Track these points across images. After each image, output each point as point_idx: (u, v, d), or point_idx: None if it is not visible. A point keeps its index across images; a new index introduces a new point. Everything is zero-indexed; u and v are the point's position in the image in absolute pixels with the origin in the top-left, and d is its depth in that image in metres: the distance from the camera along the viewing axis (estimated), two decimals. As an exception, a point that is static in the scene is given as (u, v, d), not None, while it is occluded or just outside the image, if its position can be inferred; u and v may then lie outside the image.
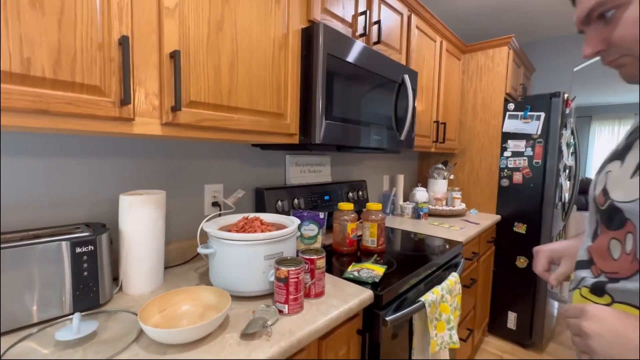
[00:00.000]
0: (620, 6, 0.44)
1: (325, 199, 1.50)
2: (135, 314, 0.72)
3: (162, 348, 0.61)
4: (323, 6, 1.10)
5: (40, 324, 0.67)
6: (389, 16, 1.43)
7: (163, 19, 0.70)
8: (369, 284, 0.94)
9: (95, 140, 0.90)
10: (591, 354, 0.44)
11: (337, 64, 1.06)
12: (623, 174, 0.47)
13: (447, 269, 1.28)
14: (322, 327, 0.72)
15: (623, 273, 0.46)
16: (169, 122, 0.73)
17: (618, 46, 0.46)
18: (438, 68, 1.90)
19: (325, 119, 1.04)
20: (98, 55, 0.61)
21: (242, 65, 0.86)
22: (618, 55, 0.48)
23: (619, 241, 0.47)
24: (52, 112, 0.57)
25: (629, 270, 0.45)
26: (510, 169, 2.09)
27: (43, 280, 0.67)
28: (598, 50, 0.49)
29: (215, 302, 0.73)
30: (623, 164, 0.48)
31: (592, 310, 0.44)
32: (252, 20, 0.87)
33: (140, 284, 0.84)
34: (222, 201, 1.18)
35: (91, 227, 0.80)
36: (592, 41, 0.49)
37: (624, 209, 0.45)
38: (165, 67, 0.71)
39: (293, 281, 0.74)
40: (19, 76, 0.53)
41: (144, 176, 0.99)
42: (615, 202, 0.47)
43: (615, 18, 0.45)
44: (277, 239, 0.82)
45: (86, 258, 0.72)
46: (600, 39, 0.48)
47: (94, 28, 0.60)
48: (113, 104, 0.64)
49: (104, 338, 0.64)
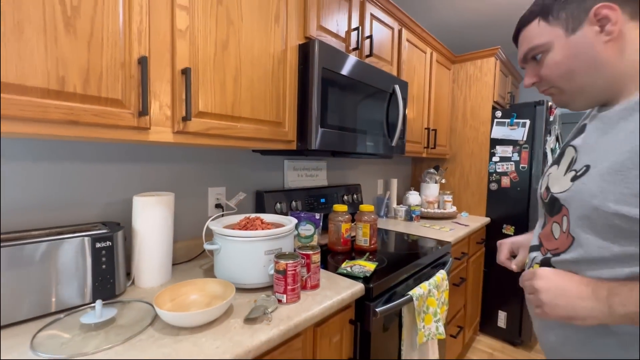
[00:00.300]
0: (544, 52, 0.59)
1: (321, 201, 1.59)
2: (149, 303, 0.80)
3: (175, 330, 0.69)
4: (318, 23, 1.19)
5: (65, 310, 0.75)
6: (381, 30, 1.54)
7: (176, 39, 0.79)
8: (360, 278, 1.02)
9: (108, 147, 0.98)
10: (542, 305, 0.55)
11: (332, 76, 1.16)
12: (558, 174, 0.61)
13: (435, 266, 1.36)
14: (317, 314, 0.81)
15: (562, 248, 0.59)
16: (180, 131, 0.81)
17: (545, 81, 0.61)
18: (428, 78, 2.01)
19: (320, 127, 1.13)
20: (120, 73, 0.70)
21: (245, 79, 0.95)
22: (547, 87, 0.62)
23: (558, 224, 0.60)
24: (82, 123, 0.66)
25: (565, 244, 0.58)
26: (498, 173, 2.19)
27: (68, 271, 0.75)
28: (533, 82, 0.64)
29: (220, 292, 0.81)
30: (559, 167, 0.62)
31: (541, 272, 0.57)
32: (253, 39, 0.96)
33: (151, 277, 0.92)
34: (224, 203, 1.26)
35: (107, 225, 0.88)
36: (529, 75, 0.64)
37: (560, 198, 0.59)
38: (177, 82, 0.80)
39: (291, 273, 0.82)
40: (55, 92, 0.62)
41: (152, 179, 1.08)
42: (554, 194, 0.60)
43: (542, 60, 0.60)
44: (276, 236, 0.90)
45: (104, 252, 0.80)
46: (534, 74, 0.63)
47: (117, 49, 0.69)
48: (132, 115, 0.72)
49: (121, 323, 0.72)
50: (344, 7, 1.31)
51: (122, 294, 0.86)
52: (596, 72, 0.55)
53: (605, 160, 0.52)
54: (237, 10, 0.91)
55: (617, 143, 0.52)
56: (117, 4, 0.69)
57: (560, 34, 0.57)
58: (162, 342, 0.65)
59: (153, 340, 0.66)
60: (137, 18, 0.72)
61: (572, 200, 0.56)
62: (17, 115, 0.58)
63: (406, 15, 1.69)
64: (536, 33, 0.59)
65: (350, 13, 1.34)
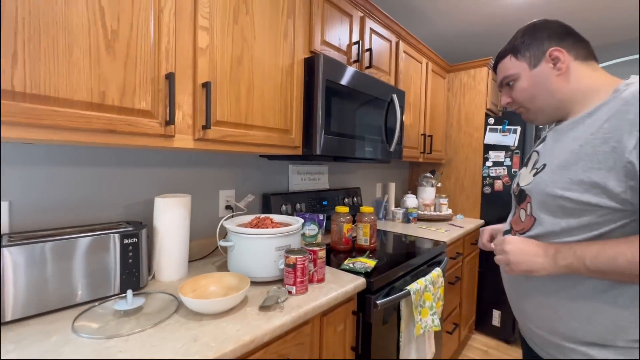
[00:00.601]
0: (514, 80, 0.78)
1: (323, 204, 1.68)
2: (171, 294, 0.88)
3: (198, 316, 0.77)
4: (322, 38, 1.30)
5: (98, 300, 0.83)
6: (379, 43, 1.64)
7: (197, 57, 0.88)
8: (362, 273, 1.11)
9: (130, 153, 1.07)
10: (509, 263, 0.71)
11: (335, 87, 1.26)
12: (526, 172, 0.79)
13: (431, 264, 1.45)
14: (323, 304, 0.89)
15: (527, 227, 0.75)
16: (200, 138, 0.90)
17: (516, 102, 0.80)
18: (424, 86, 2.12)
19: (324, 134, 1.22)
20: (150, 87, 0.79)
21: (257, 91, 1.04)
22: (517, 107, 0.81)
23: (524, 210, 0.77)
24: (118, 132, 0.75)
25: (529, 224, 0.74)
26: (492, 177, 2.30)
27: (100, 265, 0.83)
28: (508, 102, 0.82)
29: (236, 284, 0.90)
30: (527, 168, 0.80)
31: (509, 238, 0.74)
32: (264, 54, 1.06)
33: (170, 272, 1.00)
34: (234, 204, 1.35)
35: (131, 224, 0.96)
36: (504, 97, 0.83)
37: (525, 189, 0.76)
38: (197, 94, 0.89)
39: (300, 267, 0.91)
40: (97, 105, 0.71)
41: (169, 183, 1.16)
42: (521, 187, 0.78)
43: (513, 86, 0.79)
44: (286, 233, 0.99)
45: (131, 248, 0.88)
46: (508, 96, 0.82)
47: (149, 67, 0.78)
48: (160, 125, 0.81)
49: (149, 311, 0.80)
50: (346, 22, 1.42)
51: (145, 286, 0.94)
52: (551, 97, 0.74)
53: (556, 159, 0.70)
54: (251, 29, 1.01)
55: (564, 147, 0.69)
56: (149, 27, 0.78)
57: (525, 67, 0.75)
58: (188, 326, 0.73)
59: (180, 324, 0.74)
60: (165, 39, 0.81)
61: (533, 190, 0.73)
62: (66, 125, 0.66)
63: (403, 28, 1.80)
64: (509, 66, 0.78)
65: (351, 28, 1.45)
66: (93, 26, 0.69)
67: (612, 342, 0.63)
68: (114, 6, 0.72)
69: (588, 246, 0.62)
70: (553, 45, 0.72)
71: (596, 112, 0.66)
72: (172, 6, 0.82)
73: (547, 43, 0.73)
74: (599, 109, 0.66)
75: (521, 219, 0.77)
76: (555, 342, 0.71)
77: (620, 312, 0.62)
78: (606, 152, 0.60)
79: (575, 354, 0.67)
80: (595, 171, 0.61)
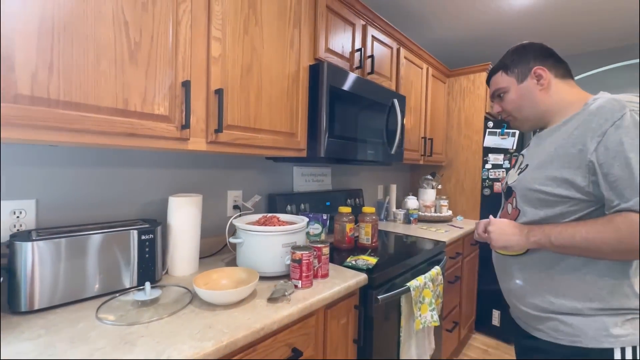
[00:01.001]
0: (504, 92, 0.92)
1: (327, 204, 1.73)
2: (184, 287, 0.94)
3: (211, 307, 0.83)
4: (326, 46, 1.36)
5: (118, 291, 0.89)
6: (381, 50, 1.70)
7: (211, 65, 0.95)
8: (364, 270, 1.16)
9: (145, 155, 1.13)
10: (492, 240, 0.85)
11: (338, 92, 1.32)
12: (513, 172, 0.92)
13: (431, 263, 1.50)
14: (327, 297, 0.95)
15: (513, 218, 0.87)
16: (213, 141, 0.96)
17: (505, 111, 0.94)
18: (425, 91, 2.18)
19: (328, 137, 1.28)
20: (168, 94, 0.86)
21: (265, 97, 1.11)
22: (506, 115, 0.95)
23: (510, 204, 0.89)
24: (138, 135, 0.81)
25: (515, 215, 0.86)
26: (491, 179, 2.35)
27: (120, 259, 0.89)
28: (499, 112, 0.96)
29: (245, 277, 0.95)
30: (514, 168, 0.92)
31: (493, 220, 0.87)
32: (272, 62, 1.12)
33: (183, 267, 1.06)
34: (241, 204, 1.41)
35: (147, 221, 1.02)
36: (496, 106, 0.97)
37: (512, 186, 0.88)
38: (210, 100, 0.96)
39: (305, 262, 0.96)
40: (121, 111, 0.77)
41: (181, 183, 1.23)
42: (509, 184, 0.91)
43: (503, 97, 0.93)
44: (292, 231, 1.05)
45: (148, 244, 0.95)
46: (499, 105, 0.95)
47: (167, 75, 0.85)
48: (176, 128, 0.88)
49: (165, 302, 0.86)
50: (348, 31, 1.48)
51: (159, 280, 1.00)
52: (535, 108, 0.87)
53: (536, 160, 0.83)
54: (260, 39, 1.08)
55: (543, 150, 0.82)
56: (167, 39, 0.84)
57: (514, 82, 0.89)
58: (203, 315, 0.79)
59: (195, 314, 0.80)
60: (182, 49, 0.88)
61: (517, 186, 0.85)
62: (93, 129, 0.73)
63: (403, 35, 1.86)
64: (500, 80, 0.91)
65: (354, 36, 1.51)
66: (118, 39, 0.76)
67: (581, 312, 0.75)
68: (137, 20, 0.79)
69: (555, 226, 0.75)
70: (537, 64, 0.85)
71: (569, 121, 0.79)
72: (189, 19, 0.89)
73: (533, 62, 0.86)
74: (572, 118, 0.79)
75: (508, 211, 0.89)
76: (536, 314, 0.82)
77: (588, 287, 0.75)
78: (574, 154, 0.73)
79: (551, 321, 0.79)
80: (566, 169, 0.74)
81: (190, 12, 0.89)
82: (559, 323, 0.77)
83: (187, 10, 0.88)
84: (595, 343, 0.72)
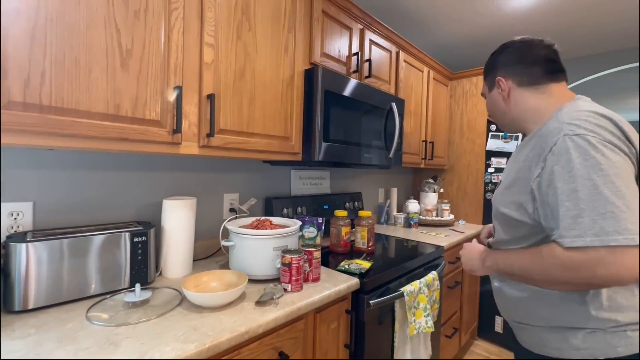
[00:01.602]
0: (484, 97, 0.94)
1: (324, 207, 1.74)
2: (175, 289, 0.96)
3: (199, 309, 0.84)
4: (322, 51, 1.37)
5: (109, 293, 0.91)
6: (379, 54, 1.70)
7: (203, 71, 0.96)
8: (356, 274, 1.16)
9: (140, 158, 1.15)
10: (463, 265, 0.89)
11: (334, 96, 1.32)
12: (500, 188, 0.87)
13: (428, 268, 1.48)
14: (317, 301, 0.95)
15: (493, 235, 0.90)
16: (205, 145, 0.98)
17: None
18: (426, 94, 2.16)
19: (323, 141, 1.28)
20: (160, 99, 0.87)
21: (258, 101, 1.12)
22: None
23: None
24: (130, 139, 0.83)
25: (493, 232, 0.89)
26: (494, 183, 2.31)
27: (112, 261, 0.91)
28: None
29: (235, 280, 0.96)
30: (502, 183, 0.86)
31: (465, 245, 0.92)
32: (266, 67, 1.14)
33: (176, 269, 1.07)
34: (237, 207, 1.42)
35: (141, 224, 1.04)
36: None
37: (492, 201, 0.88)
38: (202, 105, 0.97)
39: (295, 266, 0.97)
40: (112, 116, 0.79)
41: (177, 186, 1.25)
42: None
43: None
44: (283, 234, 1.05)
45: (140, 246, 0.96)
46: None
47: (159, 81, 0.87)
48: (168, 133, 0.89)
49: (155, 303, 0.87)
50: (345, 35, 1.49)
51: (152, 282, 1.01)
52: (503, 115, 0.89)
53: (507, 178, 0.80)
54: (253, 44, 1.09)
55: (514, 166, 0.78)
56: (159, 45, 0.86)
57: (487, 90, 0.92)
58: (190, 317, 0.80)
59: (182, 316, 0.81)
60: (174, 55, 0.89)
61: (493, 203, 0.86)
62: (85, 134, 0.75)
63: (403, 38, 1.86)
64: (482, 85, 0.96)
65: (351, 40, 1.52)
66: (110, 46, 0.78)
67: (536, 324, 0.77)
68: (129, 27, 0.81)
69: (504, 253, 0.77)
70: (500, 74, 0.85)
71: (536, 134, 0.75)
72: (181, 25, 0.91)
73: (498, 71, 0.86)
74: (540, 130, 0.74)
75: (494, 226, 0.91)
76: (515, 325, 0.85)
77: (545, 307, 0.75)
78: (526, 178, 0.72)
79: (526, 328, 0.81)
80: (522, 194, 0.73)
81: (183, 19, 0.91)
82: (530, 330, 0.79)
83: (179, 17, 0.90)
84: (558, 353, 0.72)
